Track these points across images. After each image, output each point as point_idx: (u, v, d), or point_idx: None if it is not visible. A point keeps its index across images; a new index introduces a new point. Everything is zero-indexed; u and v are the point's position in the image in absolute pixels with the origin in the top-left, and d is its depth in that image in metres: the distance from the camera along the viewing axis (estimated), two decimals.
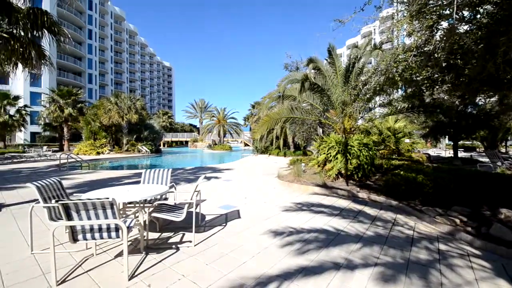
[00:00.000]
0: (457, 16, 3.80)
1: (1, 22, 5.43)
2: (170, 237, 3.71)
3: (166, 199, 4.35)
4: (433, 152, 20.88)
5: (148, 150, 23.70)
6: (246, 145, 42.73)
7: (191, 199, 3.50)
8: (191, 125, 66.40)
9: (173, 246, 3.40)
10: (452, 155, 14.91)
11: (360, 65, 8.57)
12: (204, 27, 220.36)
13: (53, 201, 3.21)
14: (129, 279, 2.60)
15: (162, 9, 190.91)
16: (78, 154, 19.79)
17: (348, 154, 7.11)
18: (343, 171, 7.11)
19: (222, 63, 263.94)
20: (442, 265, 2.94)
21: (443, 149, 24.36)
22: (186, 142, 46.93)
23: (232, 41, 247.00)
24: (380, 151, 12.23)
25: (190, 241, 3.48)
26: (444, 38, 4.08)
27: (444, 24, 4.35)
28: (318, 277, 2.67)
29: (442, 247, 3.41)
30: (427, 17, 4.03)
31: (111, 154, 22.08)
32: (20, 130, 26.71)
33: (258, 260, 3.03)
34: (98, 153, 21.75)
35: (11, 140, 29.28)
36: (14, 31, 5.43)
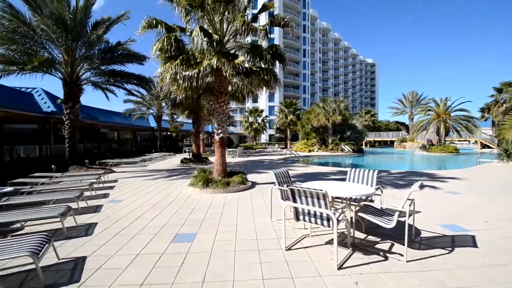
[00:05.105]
0: None
1: (255, 61, 8.11)
2: (377, 242, 3.52)
3: (372, 201, 4.19)
4: None
5: (350, 150, 24.53)
6: (484, 146, 30.19)
7: (402, 207, 3.08)
8: (397, 122, 58.42)
9: (381, 253, 3.18)
10: None
11: None
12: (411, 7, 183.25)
13: (284, 185, 4.28)
14: (338, 269, 2.80)
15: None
16: (296, 150, 25.04)
17: None
18: None
19: (440, 43, 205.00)
20: None
21: None
22: (392, 142, 41.93)
23: (450, 12, 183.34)
24: None
25: (402, 255, 3.06)
26: None
27: None
28: None
29: None
30: None
31: (319, 152, 25.42)
32: (263, 133, 40.38)
33: None
34: (309, 151, 26.28)
35: (258, 140, 43.62)
36: (261, 65, 7.90)
